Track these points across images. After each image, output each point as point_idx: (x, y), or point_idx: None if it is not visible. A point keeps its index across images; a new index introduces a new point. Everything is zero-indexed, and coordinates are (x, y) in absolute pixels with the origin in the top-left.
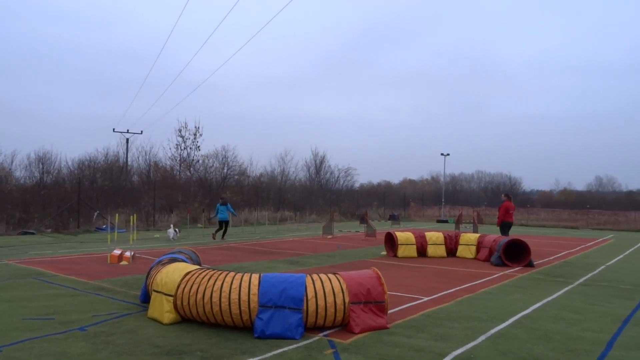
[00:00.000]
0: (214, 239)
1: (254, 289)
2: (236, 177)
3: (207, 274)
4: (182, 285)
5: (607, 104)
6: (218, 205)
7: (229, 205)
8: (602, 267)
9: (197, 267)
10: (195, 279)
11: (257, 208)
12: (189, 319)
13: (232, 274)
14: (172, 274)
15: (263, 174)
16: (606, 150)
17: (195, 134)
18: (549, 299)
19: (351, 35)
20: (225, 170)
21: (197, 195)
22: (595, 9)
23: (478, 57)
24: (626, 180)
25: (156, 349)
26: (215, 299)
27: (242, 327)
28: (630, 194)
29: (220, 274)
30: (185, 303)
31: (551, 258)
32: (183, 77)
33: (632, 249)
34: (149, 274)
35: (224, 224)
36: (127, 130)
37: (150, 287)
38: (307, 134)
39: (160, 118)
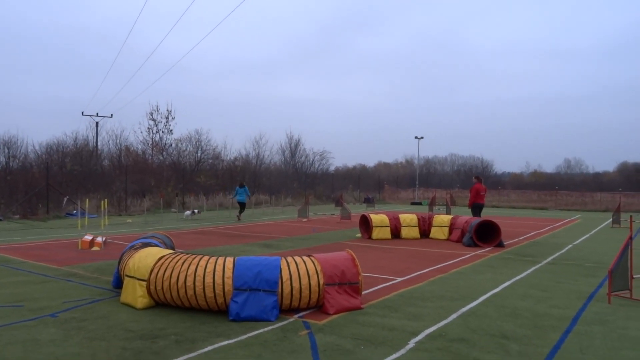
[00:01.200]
0: (239, 219)
1: (229, 273)
2: (210, 161)
3: (181, 258)
4: (155, 270)
5: (575, 89)
6: (237, 188)
7: (246, 187)
8: (569, 246)
9: (171, 251)
10: (169, 263)
11: (231, 192)
12: (163, 303)
13: (206, 257)
14: (145, 258)
15: (238, 157)
16: (574, 133)
17: (167, 118)
18: (518, 277)
19: (325, 19)
20: (199, 154)
21: (171, 179)
22: None
23: (450, 41)
24: (593, 162)
25: (129, 334)
26: (190, 283)
27: (217, 311)
28: (596, 175)
29: (195, 258)
30: (159, 288)
31: (521, 238)
32: (154, 59)
33: (598, 228)
34: (121, 259)
35: (241, 205)
36: (97, 114)
37: (122, 273)
38: (282, 118)
39: (131, 101)
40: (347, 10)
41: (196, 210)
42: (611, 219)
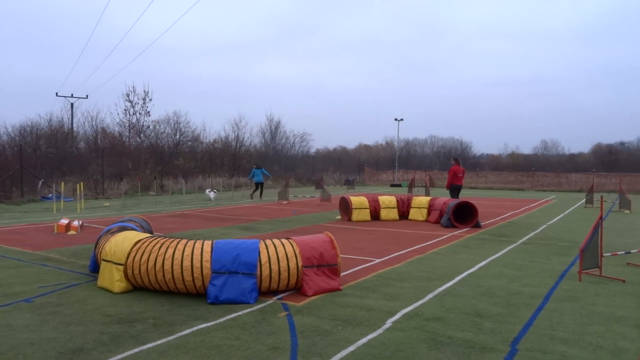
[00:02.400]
0: (252, 198)
1: (207, 256)
2: (189, 143)
3: (158, 242)
4: (132, 254)
5: (552, 71)
6: (253, 169)
7: (263, 169)
8: (544, 226)
9: (148, 235)
10: (146, 247)
11: (211, 174)
12: (141, 287)
13: (184, 241)
14: (122, 242)
15: (217, 139)
16: (551, 115)
17: (144, 99)
18: (494, 257)
19: (302, 0)
20: (177, 137)
21: (149, 162)
22: None
23: (429, 21)
24: (569, 143)
25: (107, 319)
26: (168, 266)
27: (196, 294)
28: (572, 156)
29: (172, 241)
30: (136, 272)
31: (497, 219)
32: (130, 38)
33: (572, 208)
34: (97, 243)
35: (259, 185)
36: (72, 95)
37: (99, 257)
38: (261, 99)
39: (107, 82)
40: None
41: (215, 190)
42: (585, 199)
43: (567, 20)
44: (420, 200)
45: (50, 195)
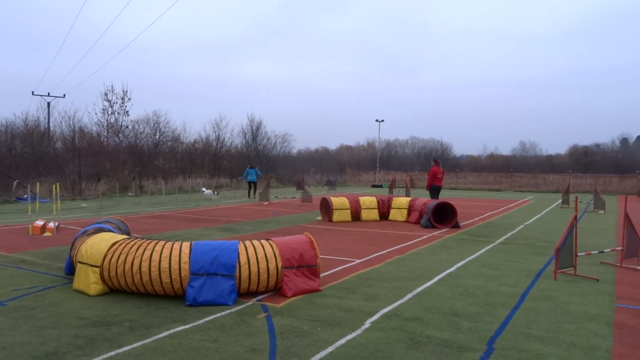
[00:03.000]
0: (250, 197)
1: (185, 257)
2: (169, 143)
3: (135, 243)
4: (109, 256)
5: (530, 73)
6: (247, 169)
7: (256, 169)
8: (521, 226)
9: (125, 236)
10: (123, 248)
11: (191, 175)
12: (117, 290)
13: (162, 242)
14: (98, 244)
15: (197, 140)
16: (529, 117)
17: (123, 98)
18: (472, 257)
19: (285, 0)
20: (157, 137)
21: (127, 162)
22: None
23: (411, 24)
24: (546, 145)
25: (82, 321)
26: (145, 268)
27: (174, 296)
28: (549, 158)
29: (150, 243)
30: (112, 274)
31: (476, 219)
32: (109, 37)
33: (548, 209)
34: (73, 244)
35: (252, 185)
36: (48, 94)
37: (74, 259)
38: (242, 100)
39: (85, 81)
40: None
41: (215, 191)
42: (561, 200)
43: (546, 24)
44: (401, 201)
45: (25, 196)
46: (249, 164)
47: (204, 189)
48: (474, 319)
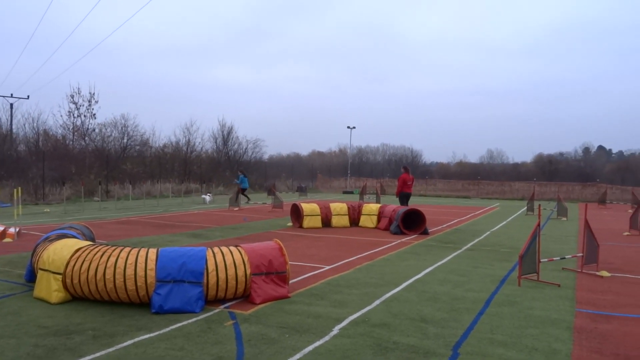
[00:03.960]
0: (248, 201)
1: (151, 264)
2: (137, 147)
3: (100, 249)
4: (72, 263)
5: (497, 82)
6: (242, 176)
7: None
8: (487, 233)
9: (90, 243)
10: (87, 255)
11: (160, 180)
12: (80, 297)
13: (127, 249)
14: (61, 250)
15: (167, 144)
16: (497, 125)
17: (90, 101)
18: (439, 263)
19: (257, 4)
20: (125, 140)
21: (94, 166)
22: None
23: (382, 31)
24: (513, 153)
25: (42, 330)
26: (109, 275)
27: (140, 304)
28: (515, 165)
29: (115, 249)
30: (75, 281)
31: (444, 226)
32: (76, 37)
33: (514, 216)
34: (34, 251)
35: (243, 190)
36: (11, 95)
37: (36, 265)
38: (214, 104)
39: (50, 82)
40: None
41: (209, 194)
42: (526, 207)
43: (510, 35)
44: (371, 208)
45: None
46: (240, 170)
47: (205, 196)
48: (441, 324)
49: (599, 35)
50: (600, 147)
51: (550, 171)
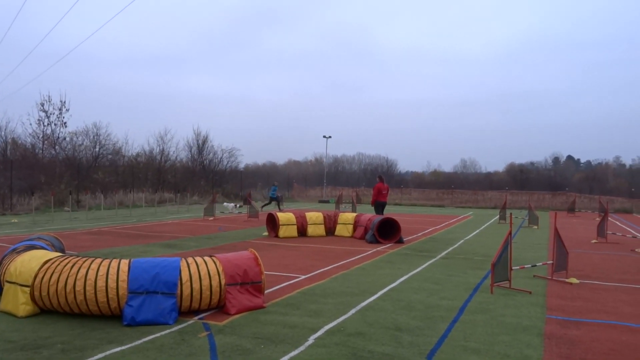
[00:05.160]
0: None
1: (123, 275)
2: (110, 156)
3: (70, 261)
4: (40, 275)
5: (469, 93)
6: (274, 187)
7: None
8: (461, 241)
9: (59, 254)
10: (56, 267)
11: (133, 189)
12: (49, 310)
13: (98, 260)
14: (29, 262)
15: (140, 153)
16: (470, 135)
17: (60, 109)
18: (414, 272)
19: (232, 13)
20: (97, 149)
21: (64, 175)
22: (460, 3)
23: (357, 42)
24: (486, 163)
25: (9, 345)
26: (80, 287)
27: (111, 316)
28: (488, 175)
29: (86, 260)
30: (44, 293)
31: (419, 234)
32: (47, 45)
33: (487, 224)
34: (1, 263)
35: (272, 200)
36: None
37: (2, 278)
38: (188, 113)
39: (19, 90)
40: (256, 5)
41: (236, 204)
42: (498, 216)
43: (481, 47)
44: (347, 217)
45: None
46: (274, 183)
47: (228, 204)
48: (415, 332)
49: (566, 50)
50: (569, 157)
51: (522, 180)
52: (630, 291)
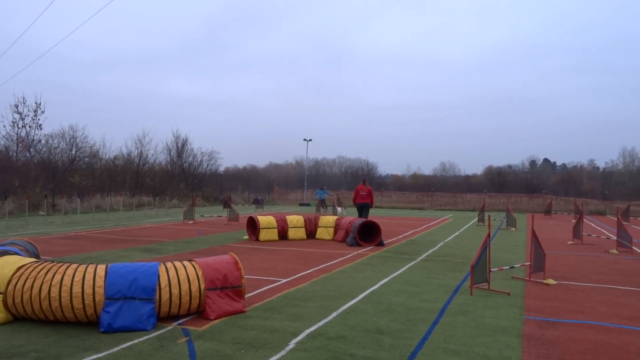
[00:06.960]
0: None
1: (100, 281)
2: (87, 159)
3: (44, 267)
4: (13, 281)
5: (448, 97)
6: (319, 190)
7: (324, 189)
8: (441, 243)
9: (33, 260)
10: (30, 273)
11: (110, 193)
12: (23, 317)
13: (74, 265)
14: (2, 268)
15: (118, 156)
16: (449, 138)
17: (35, 111)
18: (395, 274)
19: (213, 16)
20: (73, 152)
21: (39, 179)
22: (438, 9)
23: (337, 46)
24: (465, 165)
25: None
26: (55, 294)
27: (87, 323)
28: (467, 178)
29: (61, 266)
30: (17, 300)
31: (399, 237)
32: (21, 45)
33: (466, 226)
34: None
35: (322, 202)
36: None
37: None
38: (167, 116)
39: None
40: (235, 8)
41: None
42: (477, 218)
43: (458, 52)
44: (327, 220)
45: None
46: (321, 186)
47: (339, 208)
48: (396, 335)
49: (540, 55)
50: (546, 160)
51: (500, 183)
52: (605, 291)
